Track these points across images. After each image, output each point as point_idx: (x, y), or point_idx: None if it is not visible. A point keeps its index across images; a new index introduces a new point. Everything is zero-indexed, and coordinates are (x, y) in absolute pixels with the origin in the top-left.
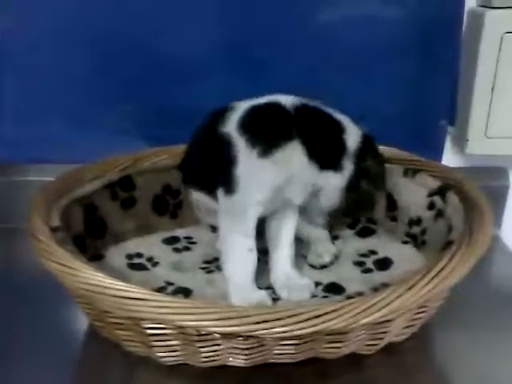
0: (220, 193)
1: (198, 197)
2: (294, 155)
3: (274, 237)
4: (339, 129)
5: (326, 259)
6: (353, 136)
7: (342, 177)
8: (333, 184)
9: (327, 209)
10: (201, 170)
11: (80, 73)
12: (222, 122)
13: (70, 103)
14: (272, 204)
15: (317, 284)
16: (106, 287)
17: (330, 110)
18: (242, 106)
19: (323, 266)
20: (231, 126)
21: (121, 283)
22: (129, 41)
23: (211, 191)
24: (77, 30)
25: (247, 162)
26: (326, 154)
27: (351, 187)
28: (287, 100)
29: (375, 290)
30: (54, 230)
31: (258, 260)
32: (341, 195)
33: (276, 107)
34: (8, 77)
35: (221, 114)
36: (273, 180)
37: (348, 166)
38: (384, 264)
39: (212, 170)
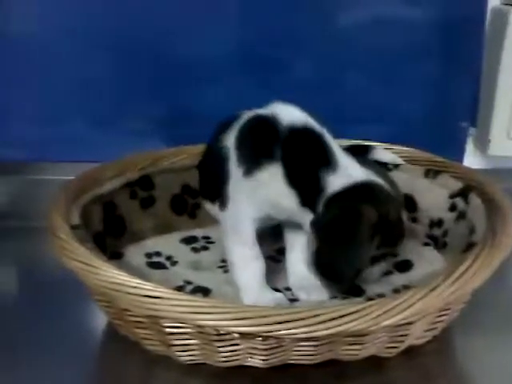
0: (217, 206)
1: (207, 206)
2: (273, 177)
3: (291, 238)
4: (327, 165)
5: None
6: (342, 178)
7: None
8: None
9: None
10: (205, 181)
11: (100, 74)
12: (225, 134)
13: (90, 104)
14: (268, 218)
15: None
16: (126, 285)
17: (330, 141)
18: (244, 118)
19: None
20: (230, 140)
21: (141, 282)
22: (148, 44)
23: (213, 202)
24: (98, 32)
25: (235, 179)
26: (305, 188)
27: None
28: (290, 116)
29: (396, 291)
30: (74, 228)
31: (278, 261)
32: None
33: (268, 124)
34: (28, 77)
35: (227, 124)
36: (254, 200)
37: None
38: (404, 266)
39: (213, 182)
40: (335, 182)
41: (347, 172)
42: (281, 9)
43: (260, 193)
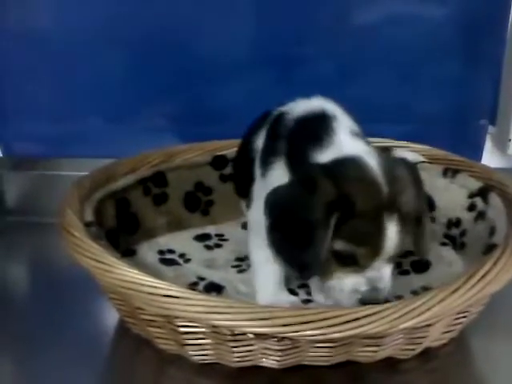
0: (244, 205)
1: (242, 206)
2: (279, 175)
3: None
4: (320, 146)
5: None
6: (329, 154)
7: None
8: None
9: None
10: (237, 180)
11: (116, 71)
12: (256, 135)
13: (106, 100)
14: None
15: None
16: (140, 284)
17: (339, 124)
18: (271, 117)
19: None
20: (259, 142)
21: (156, 280)
22: (163, 40)
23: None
24: (114, 29)
25: (257, 181)
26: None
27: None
28: (303, 107)
29: (414, 293)
30: (87, 225)
31: None
32: None
33: (279, 121)
34: (44, 73)
35: (258, 123)
36: None
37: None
38: (421, 266)
39: (242, 182)
40: (321, 159)
41: (338, 149)
42: (300, 4)
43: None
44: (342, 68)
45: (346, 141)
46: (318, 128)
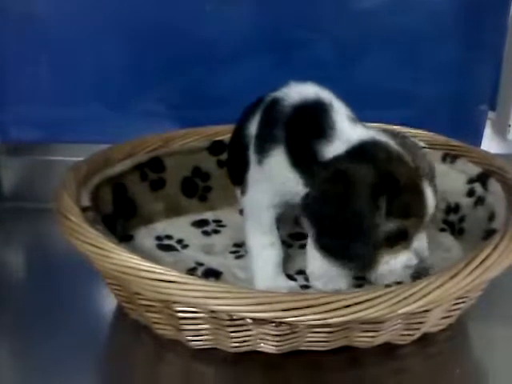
0: (239, 192)
1: (236, 191)
2: (278, 162)
3: None
4: (323, 137)
5: None
6: (338, 146)
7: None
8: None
9: None
10: (231, 167)
11: (113, 56)
12: (249, 121)
13: (103, 85)
14: (289, 205)
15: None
16: (138, 269)
17: (337, 112)
18: (264, 103)
19: None
20: (253, 128)
21: (153, 265)
22: (162, 25)
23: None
24: (113, 15)
25: (253, 168)
26: (305, 166)
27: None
28: (299, 94)
29: (413, 278)
30: (84, 210)
31: (290, 245)
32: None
33: (275, 107)
34: (41, 59)
35: (251, 109)
36: (270, 188)
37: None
38: None
39: (237, 168)
40: (330, 152)
41: (345, 138)
42: None
43: (272, 181)
44: (342, 53)
45: (350, 129)
46: (318, 118)
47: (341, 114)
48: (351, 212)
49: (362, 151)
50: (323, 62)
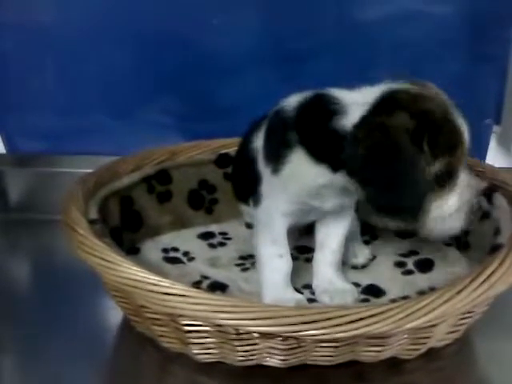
0: (250, 204)
1: (241, 208)
2: (299, 164)
3: (321, 237)
4: (335, 115)
5: (361, 260)
6: (355, 113)
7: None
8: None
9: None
10: (236, 183)
11: (121, 66)
12: (255, 136)
13: (111, 96)
14: (303, 213)
15: (355, 285)
16: (145, 282)
17: (340, 93)
18: (268, 117)
19: (362, 266)
20: (259, 142)
21: (160, 278)
22: (169, 36)
23: (247, 203)
24: (119, 24)
25: (267, 179)
26: (329, 153)
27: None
28: (298, 98)
29: (419, 293)
30: (91, 222)
31: (296, 258)
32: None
33: (279, 115)
34: (48, 69)
35: (257, 124)
36: (288, 195)
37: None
38: (425, 265)
39: (246, 183)
40: (349, 121)
41: (357, 104)
42: (306, 1)
43: (293, 186)
44: (347, 65)
45: (355, 95)
46: (322, 104)
47: (340, 91)
48: (398, 162)
49: (387, 102)
50: (328, 75)
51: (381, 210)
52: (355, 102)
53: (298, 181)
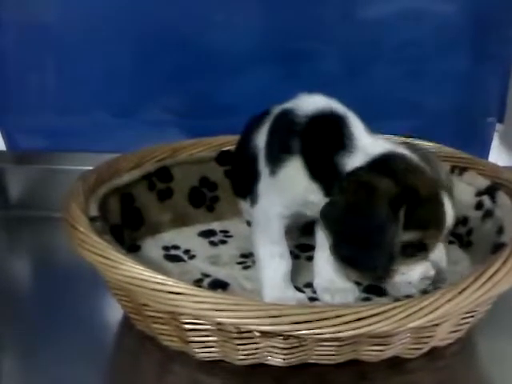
0: (248, 202)
1: (240, 204)
2: (294, 172)
3: (321, 236)
4: (343, 149)
5: None
6: (358, 158)
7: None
8: None
9: None
10: (236, 179)
11: (121, 64)
12: (256, 132)
13: (111, 94)
14: (299, 215)
15: (357, 284)
16: (146, 280)
17: (353, 124)
18: (272, 114)
19: None
20: (261, 139)
21: (161, 277)
22: (170, 34)
23: (245, 199)
24: (120, 22)
25: (264, 179)
26: (326, 177)
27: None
28: (311, 105)
29: (422, 292)
30: (92, 220)
31: (297, 257)
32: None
33: (287, 118)
34: (49, 67)
35: (258, 121)
36: (282, 199)
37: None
38: None
39: (244, 180)
40: (351, 164)
41: (365, 151)
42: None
43: (286, 191)
44: (350, 63)
45: (369, 142)
46: (336, 130)
47: (357, 126)
48: (371, 222)
49: (383, 164)
50: (330, 73)
51: (341, 259)
52: (364, 149)
53: (290, 188)
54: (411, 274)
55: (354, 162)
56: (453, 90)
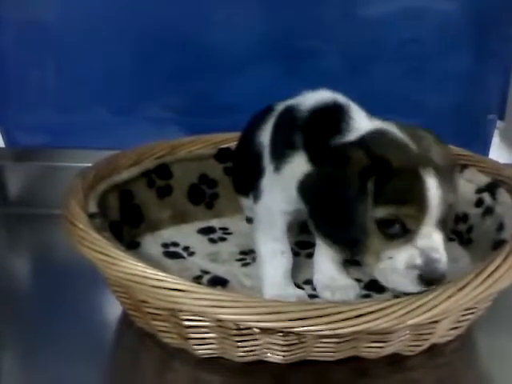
0: (251, 198)
1: (241, 201)
2: (298, 168)
3: None
4: (339, 133)
5: None
6: (351, 136)
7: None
8: None
9: None
10: (238, 176)
11: (121, 62)
12: (260, 130)
13: (111, 91)
14: (302, 212)
15: (357, 281)
16: (145, 277)
17: (354, 112)
18: (276, 111)
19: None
20: (265, 136)
21: (161, 273)
22: (170, 31)
23: (247, 196)
24: (120, 20)
25: (269, 175)
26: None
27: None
28: (314, 99)
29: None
30: (91, 216)
31: (297, 254)
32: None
33: (290, 114)
34: (49, 64)
35: (262, 118)
36: (286, 195)
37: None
38: None
39: (248, 177)
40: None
41: (359, 131)
42: None
43: (290, 187)
44: (351, 61)
45: (366, 122)
46: (335, 117)
47: (357, 112)
48: (341, 193)
49: (363, 138)
50: (332, 72)
51: (322, 235)
52: (358, 130)
53: (294, 184)
54: (396, 258)
55: (346, 140)
56: (454, 87)
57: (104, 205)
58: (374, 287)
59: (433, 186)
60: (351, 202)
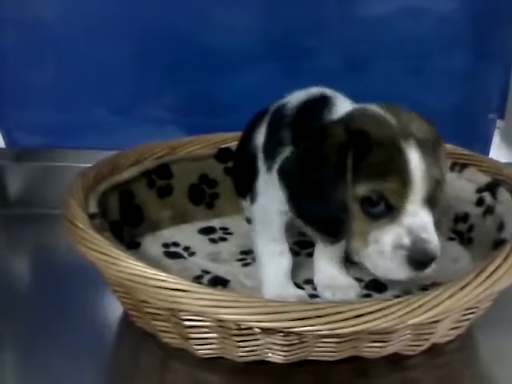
0: (248, 200)
1: (242, 203)
2: None
3: None
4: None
5: None
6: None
7: None
8: None
9: None
10: (237, 178)
11: (120, 61)
12: (255, 131)
13: (111, 91)
14: None
15: (358, 280)
16: (146, 277)
17: (341, 102)
18: (269, 112)
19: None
20: (260, 137)
21: (161, 273)
22: (169, 31)
23: (245, 198)
24: (119, 19)
25: (263, 176)
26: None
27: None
28: (301, 95)
29: (422, 288)
30: (91, 216)
31: (297, 253)
32: None
33: (279, 112)
34: (48, 64)
35: (258, 120)
36: (276, 194)
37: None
38: None
39: (245, 178)
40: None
41: (339, 113)
42: None
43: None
44: (351, 60)
45: (349, 107)
46: (319, 107)
47: (342, 100)
48: (318, 171)
49: (343, 116)
50: (331, 71)
51: (303, 219)
52: (340, 112)
53: None
54: (382, 240)
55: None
56: (454, 86)
57: (104, 205)
58: (374, 287)
59: (414, 158)
60: (330, 179)
